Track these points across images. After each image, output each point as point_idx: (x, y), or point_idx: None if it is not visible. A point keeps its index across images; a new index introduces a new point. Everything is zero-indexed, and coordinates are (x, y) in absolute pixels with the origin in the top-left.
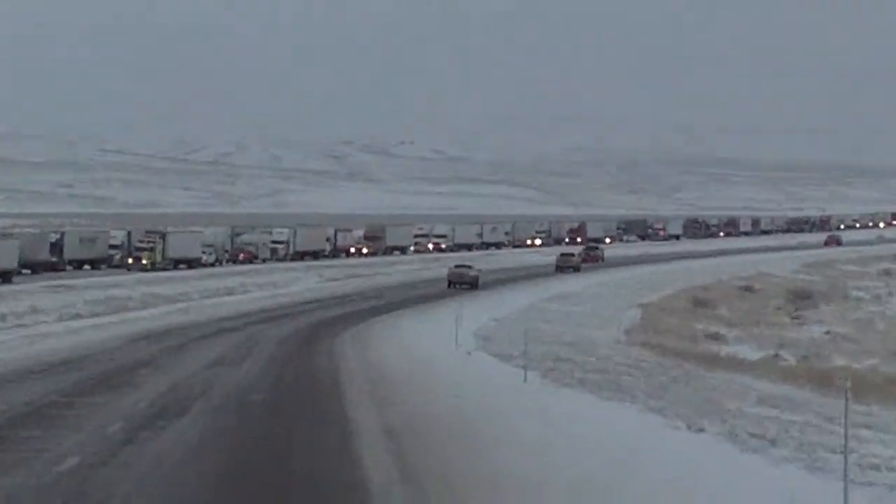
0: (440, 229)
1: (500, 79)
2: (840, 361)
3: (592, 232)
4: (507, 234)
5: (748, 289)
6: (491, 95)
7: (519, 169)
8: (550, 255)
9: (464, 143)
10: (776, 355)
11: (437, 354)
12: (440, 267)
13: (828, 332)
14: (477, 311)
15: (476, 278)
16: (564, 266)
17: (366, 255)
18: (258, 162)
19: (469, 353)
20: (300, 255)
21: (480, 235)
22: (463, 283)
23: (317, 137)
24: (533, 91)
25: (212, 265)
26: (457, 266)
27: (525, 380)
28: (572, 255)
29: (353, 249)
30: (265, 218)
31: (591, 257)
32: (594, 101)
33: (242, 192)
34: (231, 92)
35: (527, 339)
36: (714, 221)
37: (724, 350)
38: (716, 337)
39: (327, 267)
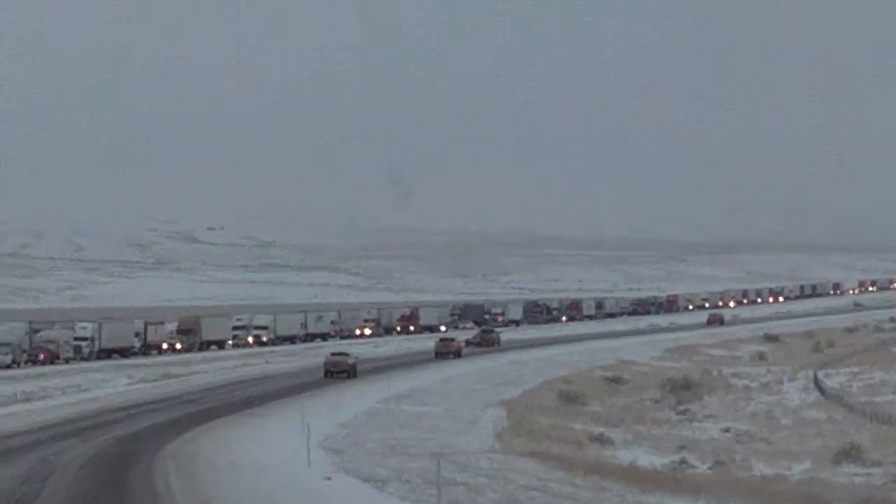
0: (261, 320)
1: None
2: (763, 468)
3: (426, 318)
4: (333, 322)
5: (615, 380)
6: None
7: (335, 254)
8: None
9: (275, 229)
10: (682, 461)
11: (288, 484)
12: (263, 363)
13: (727, 430)
14: (317, 414)
15: (354, 366)
16: (444, 352)
17: (179, 350)
18: (58, 253)
19: (329, 479)
20: (107, 353)
21: (305, 325)
22: (340, 372)
23: (120, 225)
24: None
25: (7, 366)
26: (333, 354)
27: None
28: (452, 339)
29: (165, 345)
30: (67, 312)
31: (486, 341)
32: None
33: (42, 286)
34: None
35: (390, 453)
36: (555, 305)
37: (619, 456)
38: (601, 439)
39: (137, 366)
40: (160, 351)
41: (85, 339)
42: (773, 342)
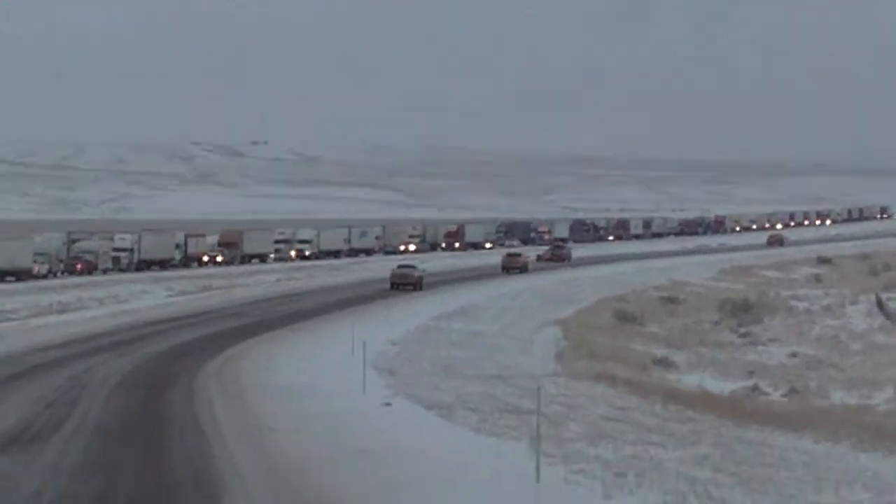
0: (304, 234)
1: (358, 76)
2: (842, 396)
3: (472, 235)
4: (377, 238)
5: (671, 300)
6: (350, 92)
7: (380, 170)
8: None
9: (320, 144)
10: (755, 388)
11: (341, 409)
12: (306, 277)
13: (794, 355)
14: (365, 330)
15: (420, 279)
16: (510, 267)
17: (220, 263)
18: (101, 165)
19: (389, 405)
20: (146, 265)
21: (349, 241)
22: (406, 285)
23: (163, 139)
24: (394, 88)
25: (44, 276)
26: (400, 266)
27: (538, 479)
28: (519, 255)
29: (206, 258)
30: (108, 224)
31: (557, 256)
32: (458, 99)
33: (83, 198)
34: (72, 92)
35: (448, 374)
36: (602, 224)
37: (685, 380)
38: (664, 363)
39: (177, 278)
40: (201, 263)
41: (124, 249)
42: (827, 264)
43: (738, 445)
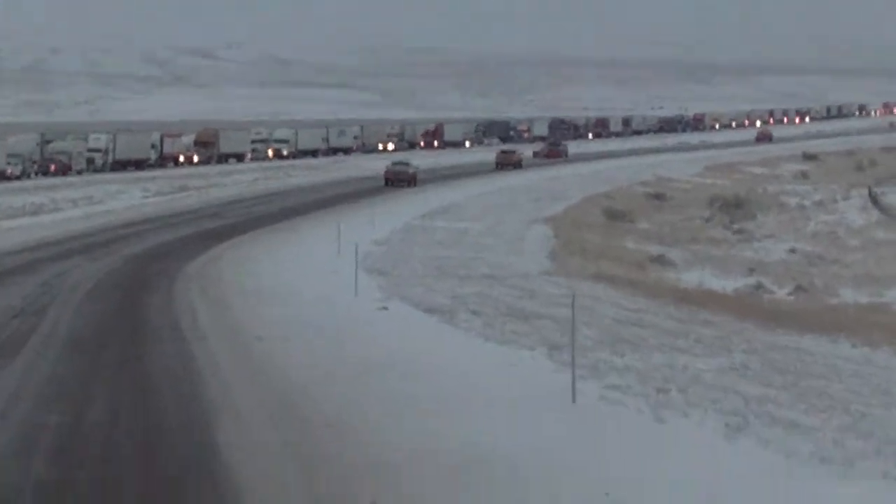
0: (281, 133)
1: None
2: (851, 294)
3: (450, 135)
4: (356, 138)
5: (658, 196)
6: None
7: (355, 71)
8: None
9: (295, 45)
10: (759, 286)
11: (334, 314)
12: (284, 176)
13: (793, 251)
14: (348, 230)
15: (415, 175)
16: (505, 163)
17: (197, 163)
18: (75, 68)
19: (385, 308)
20: (121, 165)
21: (326, 140)
22: (401, 181)
23: (138, 41)
24: None
25: (17, 178)
26: (394, 163)
27: (573, 399)
28: (513, 151)
29: (182, 158)
30: (83, 127)
31: (554, 153)
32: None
33: (57, 100)
34: None
35: (440, 275)
36: (582, 122)
37: (685, 279)
38: (661, 261)
39: (153, 178)
40: (177, 163)
41: (98, 150)
42: (813, 161)
43: (774, 353)
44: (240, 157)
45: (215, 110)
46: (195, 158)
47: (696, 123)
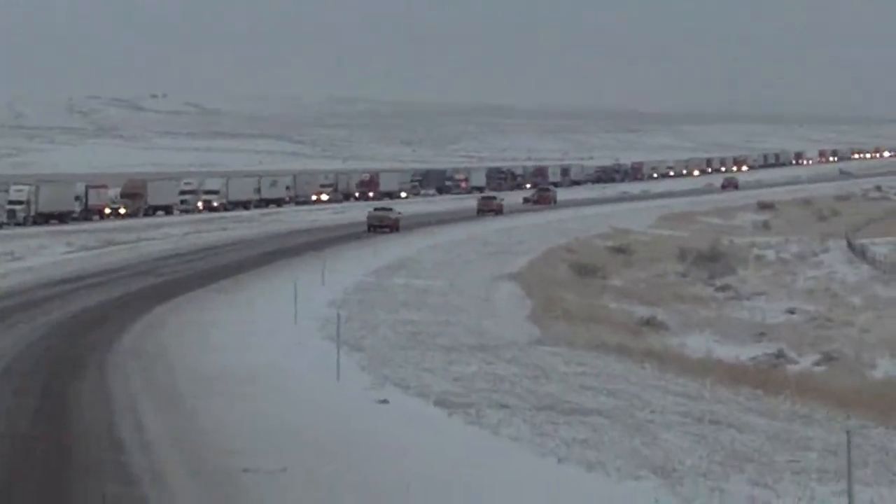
0: (212, 184)
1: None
2: (889, 365)
3: (386, 185)
4: (288, 188)
5: (621, 250)
6: (247, 44)
7: (280, 121)
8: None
9: (219, 96)
10: (779, 355)
11: (325, 413)
12: (217, 229)
13: (792, 311)
14: (299, 289)
15: (397, 221)
16: (486, 209)
17: (124, 216)
18: None
19: (385, 402)
20: (44, 218)
21: (258, 191)
22: (384, 227)
23: (61, 92)
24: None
25: None
26: (376, 209)
27: None
28: (494, 198)
29: (108, 210)
30: (4, 178)
31: (545, 199)
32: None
33: None
34: None
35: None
36: (519, 171)
37: (690, 345)
38: (652, 324)
39: (78, 232)
40: (103, 216)
41: (20, 202)
42: (770, 210)
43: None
44: (168, 210)
45: (142, 162)
46: (122, 211)
47: (635, 173)
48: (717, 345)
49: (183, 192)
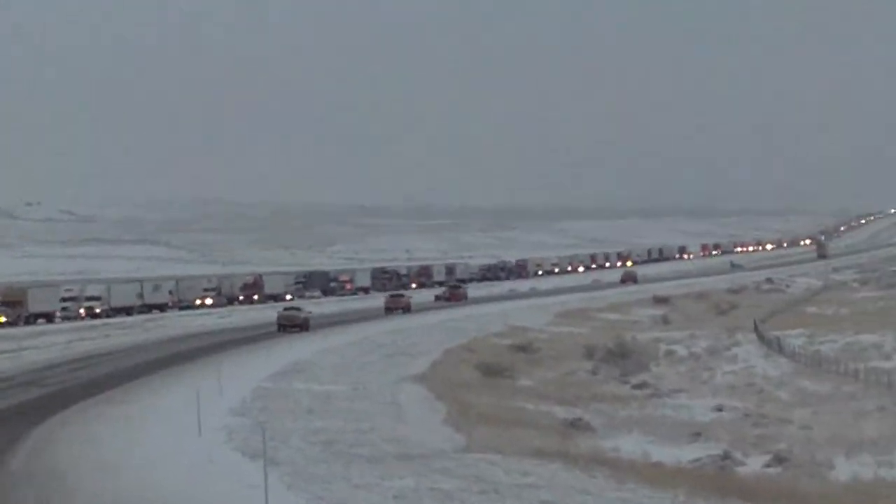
0: (93, 290)
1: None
2: (848, 467)
3: (271, 287)
4: (171, 293)
5: (522, 349)
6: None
7: (155, 226)
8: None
9: (93, 202)
10: (725, 457)
11: None
12: (101, 336)
13: (719, 409)
14: (193, 398)
15: (307, 320)
16: (394, 307)
17: (3, 324)
18: None
19: None
20: None
21: (141, 296)
22: (293, 326)
23: None
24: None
25: None
26: (286, 309)
27: None
28: (402, 295)
29: None
30: None
31: (456, 296)
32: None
33: None
34: None
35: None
36: (404, 271)
37: (624, 448)
38: (577, 426)
39: None
40: None
41: None
42: (665, 305)
43: None
44: (49, 317)
45: (18, 270)
46: (1, 319)
47: (520, 270)
48: (651, 446)
49: (64, 300)
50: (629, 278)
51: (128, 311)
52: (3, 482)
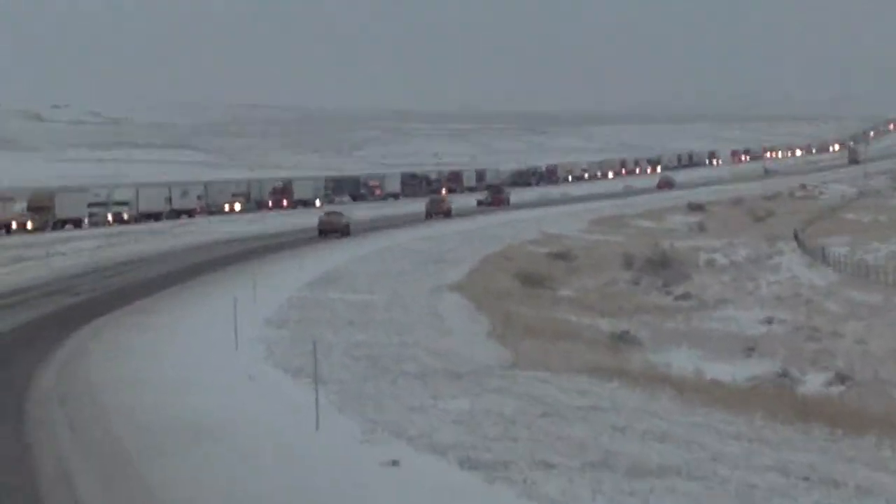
0: (121, 195)
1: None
2: None
3: (300, 192)
4: (199, 198)
5: (561, 257)
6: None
7: (186, 130)
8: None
9: (122, 105)
10: (783, 373)
11: (331, 480)
12: (131, 242)
13: (769, 321)
14: (229, 308)
15: (348, 225)
16: (436, 212)
17: (31, 230)
18: None
19: (396, 464)
20: None
21: (170, 201)
22: (334, 231)
23: None
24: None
25: None
26: (327, 213)
27: None
28: (442, 200)
29: (14, 224)
30: None
31: (498, 200)
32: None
33: None
34: None
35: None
36: (434, 177)
37: (675, 363)
38: (625, 339)
39: None
40: (9, 231)
41: None
42: (701, 212)
43: None
44: (77, 223)
45: (45, 174)
46: (29, 225)
47: (550, 175)
48: (704, 362)
49: (92, 205)
50: (666, 183)
51: (156, 216)
52: (35, 398)
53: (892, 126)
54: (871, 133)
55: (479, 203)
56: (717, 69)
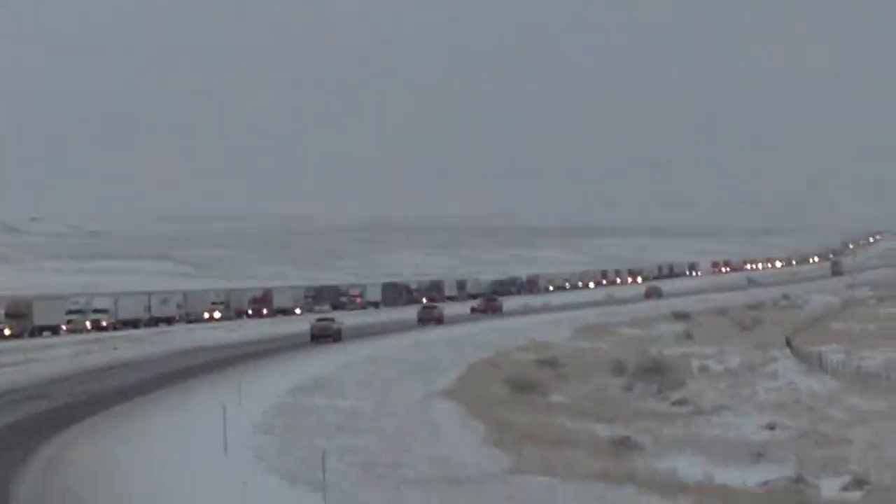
0: (100, 303)
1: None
2: None
3: (280, 301)
4: (179, 306)
5: (549, 364)
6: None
7: (161, 242)
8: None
9: (99, 218)
10: (797, 479)
11: None
12: (109, 349)
13: (771, 427)
14: (213, 413)
15: (339, 331)
16: (427, 319)
17: (9, 336)
18: None
19: None
20: None
21: (149, 309)
22: (327, 337)
23: None
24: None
25: None
26: (319, 319)
27: None
28: (434, 307)
29: None
30: None
31: (492, 307)
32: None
33: None
34: None
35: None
36: (415, 286)
37: (683, 471)
38: (627, 444)
39: None
40: None
41: None
42: (686, 320)
43: None
44: (55, 330)
45: (24, 284)
46: (7, 332)
47: (531, 285)
48: (711, 468)
49: (70, 312)
50: (653, 293)
51: (135, 324)
52: None
53: (871, 239)
54: (851, 245)
55: (473, 310)
56: (693, 183)
